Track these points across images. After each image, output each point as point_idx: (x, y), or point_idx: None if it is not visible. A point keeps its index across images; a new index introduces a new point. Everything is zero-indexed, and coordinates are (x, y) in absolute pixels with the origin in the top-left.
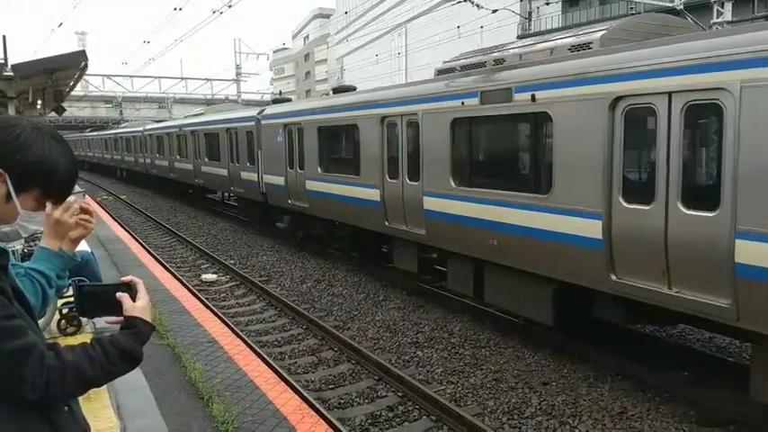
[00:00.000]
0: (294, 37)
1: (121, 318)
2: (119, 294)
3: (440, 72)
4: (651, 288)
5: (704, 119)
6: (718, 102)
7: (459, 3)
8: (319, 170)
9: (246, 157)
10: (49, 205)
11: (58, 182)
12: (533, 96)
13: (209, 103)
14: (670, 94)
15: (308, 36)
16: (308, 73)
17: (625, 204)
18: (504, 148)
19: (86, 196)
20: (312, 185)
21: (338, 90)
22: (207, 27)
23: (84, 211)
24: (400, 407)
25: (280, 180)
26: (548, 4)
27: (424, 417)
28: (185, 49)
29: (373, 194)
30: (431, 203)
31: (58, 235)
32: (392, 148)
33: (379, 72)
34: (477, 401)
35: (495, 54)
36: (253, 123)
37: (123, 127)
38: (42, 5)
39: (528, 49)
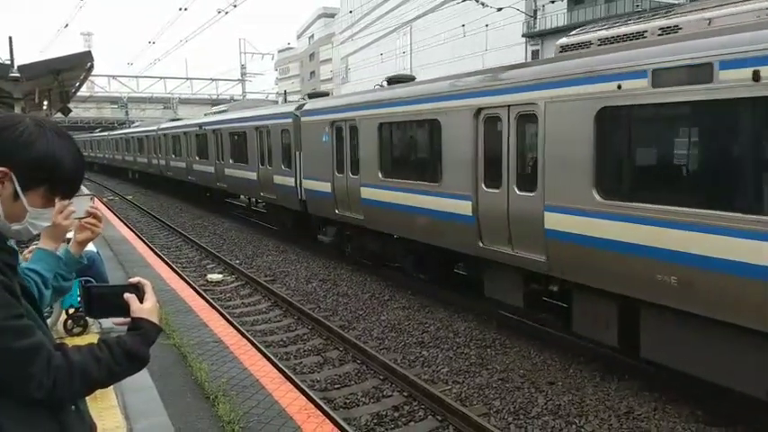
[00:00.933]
0: (299, 36)
1: (129, 319)
2: (126, 295)
3: (565, 48)
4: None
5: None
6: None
7: (463, 1)
8: (380, 176)
9: (281, 160)
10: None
11: (63, 177)
12: (757, 74)
13: (215, 103)
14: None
15: (312, 36)
16: (312, 72)
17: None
18: (695, 146)
19: (95, 199)
20: (369, 194)
21: (396, 81)
22: (212, 27)
23: (92, 215)
24: (406, 407)
25: (325, 186)
26: (553, 2)
27: (430, 417)
28: (190, 50)
29: (461, 207)
30: (558, 222)
31: (53, 237)
32: (492, 149)
33: (384, 71)
34: (483, 401)
35: (660, 21)
36: (289, 120)
37: (135, 126)
38: (48, 7)
39: (719, 11)
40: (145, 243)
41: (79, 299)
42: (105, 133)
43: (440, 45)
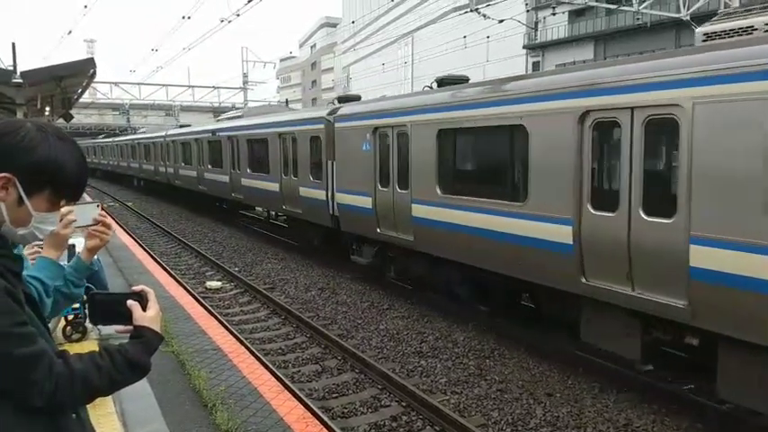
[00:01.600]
0: (301, 45)
1: (131, 327)
2: (129, 303)
3: (712, 36)
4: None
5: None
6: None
7: (465, 13)
8: (439, 191)
9: (309, 170)
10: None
11: (66, 181)
12: None
13: (217, 110)
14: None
15: (314, 45)
16: (314, 81)
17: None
18: None
19: (101, 207)
20: (423, 212)
21: (449, 81)
22: (214, 35)
23: (101, 223)
24: (404, 417)
25: (364, 201)
26: (554, 14)
27: (428, 427)
28: (193, 58)
29: (555, 232)
30: (710, 259)
31: (54, 245)
32: (604, 162)
33: (385, 81)
34: (482, 412)
35: None
36: (321, 126)
37: (141, 132)
38: (52, 13)
39: None
40: (144, 249)
41: (85, 306)
42: (110, 139)
43: (441, 56)
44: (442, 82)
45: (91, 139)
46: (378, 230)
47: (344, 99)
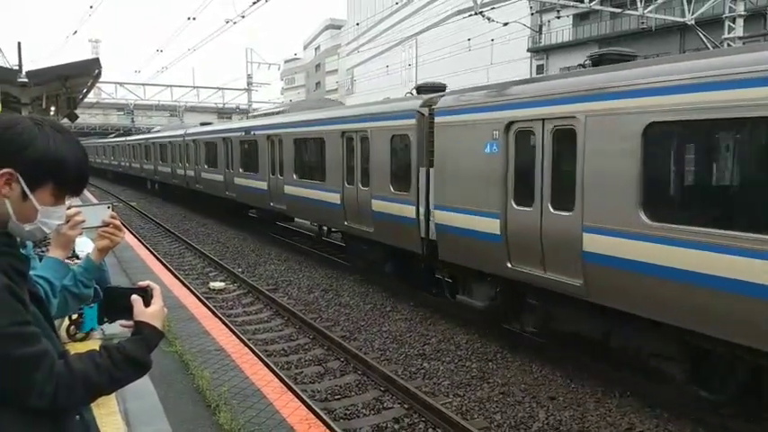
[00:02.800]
0: (305, 47)
1: (132, 322)
2: (132, 298)
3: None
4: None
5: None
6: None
7: (469, 16)
8: (644, 217)
9: (389, 178)
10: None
11: (68, 173)
12: None
13: (221, 111)
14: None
15: (319, 47)
16: (318, 83)
17: None
18: None
19: (112, 209)
20: (610, 246)
21: (612, 58)
22: (219, 36)
23: (112, 224)
24: (406, 419)
25: (485, 224)
26: (558, 17)
27: (430, 429)
28: (197, 58)
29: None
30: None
31: (60, 245)
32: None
33: (389, 83)
34: (484, 415)
35: None
36: (410, 122)
37: (156, 131)
38: (57, 14)
39: None
40: (148, 250)
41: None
42: (121, 138)
43: (445, 59)
44: (601, 60)
45: (100, 138)
46: (508, 265)
47: (428, 89)
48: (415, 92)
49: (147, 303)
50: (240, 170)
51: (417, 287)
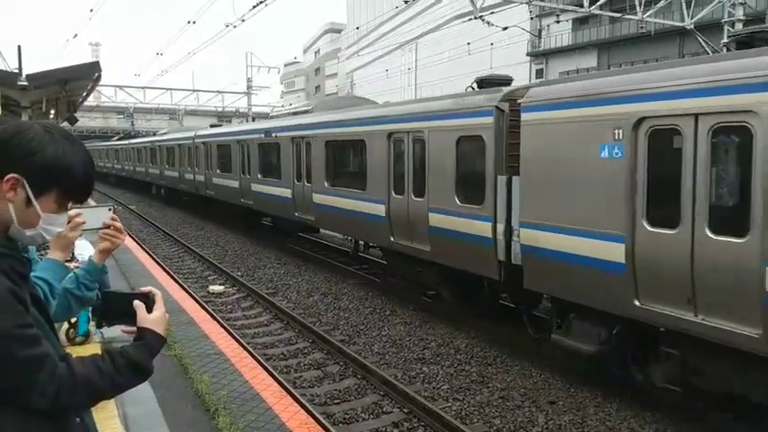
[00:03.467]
0: (305, 51)
1: (134, 328)
2: (135, 303)
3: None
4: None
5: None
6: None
7: (469, 20)
8: None
9: (453, 189)
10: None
11: (74, 182)
12: None
13: (221, 115)
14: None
15: (318, 50)
16: (317, 87)
17: None
18: None
19: (113, 211)
20: None
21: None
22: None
23: (111, 226)
24: (405, 423)
25: (597, 249)
26: (558, 22)
27: None
28: (197, 62)
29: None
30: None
31: (60, 247)
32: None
33: (389, 87)
34: (484, 419)
35: None
36: (488, 120)
37: (163, 133)
38: (58, 17)
39: None
40: (147, 253)
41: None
42: (125, 141)
43: (444, 63)
44: (743, 42)
45: (102, 141)
46: (636, 303)
47: (493, 82)
48: (475, 86)
49: (149, 309)
50: (259, 176)
51: (482, 316)
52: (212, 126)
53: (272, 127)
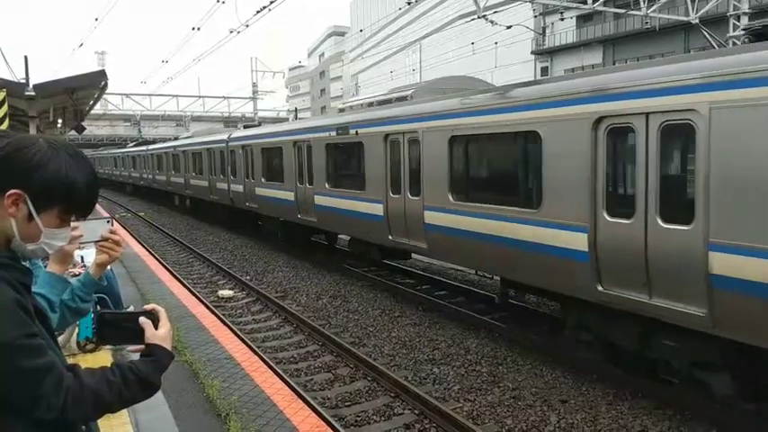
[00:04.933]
0: (310, 55)
1: (142, 346)
2: (142, 320)
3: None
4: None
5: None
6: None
7: (473, 19)
8: None
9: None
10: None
11: (77, 198)
12: None
13: (227, 120)
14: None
15: (323, 54)
16: (323, 90)
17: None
18: None
19: (113, 222)
20: None
21: None
22: (224, 46)
23: (109, 239)
24: (417, 425)
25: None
26: (562, 19)
27: None
28: (203, 68)
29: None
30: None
31: (59, 260)
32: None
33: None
34: (495, 419)
35: None
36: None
37: (186, 137)
38: (63, 26)
39: None
40: (156, 259)
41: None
42: (142, 148)
43: (449, 62)
44: None
45: (117, 147)
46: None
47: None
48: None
49: (154, 326)
50: (326, 186)
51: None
52: (246, 127)
53: (349, 121)
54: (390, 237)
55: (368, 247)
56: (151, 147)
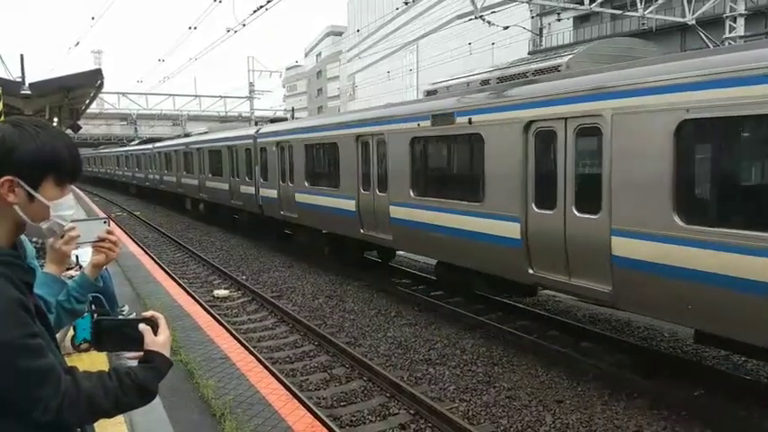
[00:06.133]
0: (307, 54)
1: (141, 353)
2: (141, 327)
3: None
4: None
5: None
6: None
7: (470, 20)
8: None
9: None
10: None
11: (63, 161)
12: None
13: (224, 120)
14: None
15: (320, 53)
16: (320, 90)
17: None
18: None
19: (110, 223)
20: None
21: None
22: (221, 45)
23: (106, 239)
24: (412, 425)
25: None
26: (559, 20)
27: None
28: (199, 67)
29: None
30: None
31: (55, 261)
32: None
33: (390, 88)
34: (491, 419)
35: None
36: None
37: (201, 133)
38: (59, 25)
39: None
40: (152, 258)
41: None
42: (148, 146)
43: (446, 63)
44: None
45: (118, 146)
46: (530, 271)
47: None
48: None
49: (154, 333)
50: (411, 194)
51: None
52: (272, 121)
53: (453, 107)
54: (532, 271)
55: (464, 275)
56: (158, 144)
